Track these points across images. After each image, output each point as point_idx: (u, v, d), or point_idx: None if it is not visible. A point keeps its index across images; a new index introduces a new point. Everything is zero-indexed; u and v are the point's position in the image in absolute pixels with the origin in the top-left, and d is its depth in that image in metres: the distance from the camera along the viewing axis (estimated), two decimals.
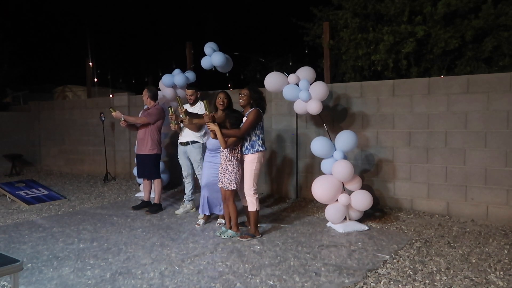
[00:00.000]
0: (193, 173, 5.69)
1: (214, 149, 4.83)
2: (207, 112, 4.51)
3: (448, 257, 3.87)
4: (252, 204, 4.50)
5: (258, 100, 4.56)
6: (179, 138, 5.59)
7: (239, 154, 4.54)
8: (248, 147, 4.51)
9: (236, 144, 4.49)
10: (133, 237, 4.60)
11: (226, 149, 4.49)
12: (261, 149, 4.51)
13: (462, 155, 5.15)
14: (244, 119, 4.51)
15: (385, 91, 5.64)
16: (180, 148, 5.60)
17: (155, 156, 5.75)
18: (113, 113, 5.68)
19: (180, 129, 5.53)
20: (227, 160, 4.51)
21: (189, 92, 5.45)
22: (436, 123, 5.29)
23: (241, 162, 4.57)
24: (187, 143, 5.49)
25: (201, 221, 5.06)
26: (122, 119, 5.69)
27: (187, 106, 5.44)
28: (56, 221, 5.38)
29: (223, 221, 4.98)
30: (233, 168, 4.49)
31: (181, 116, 5.07)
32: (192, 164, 5.59)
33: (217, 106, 4.86)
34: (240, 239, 4.44)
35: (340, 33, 7.27)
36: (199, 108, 5.43)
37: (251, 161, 4.49)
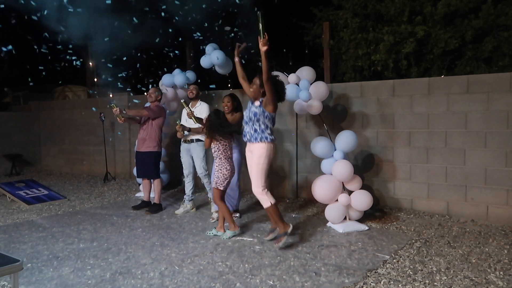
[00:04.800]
0: (194, 172, 5.69)
1: None
2: (188, 110, 5.00)
3: (448, 257, 3.87)
4: (264, 200, 4.13)
5: (277, 85, 4.12)
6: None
7: (229, 152, 4.51)
8: (253, 134, 4.13)
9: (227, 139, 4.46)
10: (133, 237, 4.60)
11: (217, 143, 4.48)
12: (269, 140, 4.11)
13: (462, 155, 5.15)
14: (257, 106, 4.20)
15: (385, 91, 5.64)
16: (183, 146, 5.61)
17: (156, 154, 5.75)
18: (114, 109, 5.57)
19: (183, 135, 5.48)
20: (215, 156, 4.55)
21: (192, 86, 5.63)
22: (436, 123, 5.29)
23: (228, 160, 4.51)
24: (191, 141, 5.52)
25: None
26: (124, 113, 5.58)
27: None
28: (56, 221, 5.38)
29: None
30: (217, 166, 4.52)
31: (191, 119, 5.09)
32: (193, 163, 5.61)
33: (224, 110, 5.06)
34: (276, 245, 4.05)
35: (340, 33, 7.28)
36: (199, 108, 5.51)
37: (259, 154, 4.09)
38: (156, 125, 5.73)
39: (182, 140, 5.62)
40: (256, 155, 4.14)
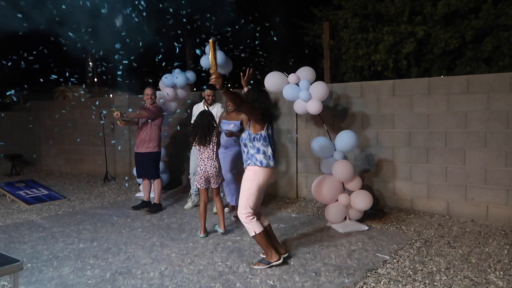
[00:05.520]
0: None
1: (225, 145, 5.29)
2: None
3: (448, 257, 3.87)
4: (248, 229, 3.69)
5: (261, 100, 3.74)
6: None
7: (206, 153, 4.56)
8: (248, 156, 3.75)
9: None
10: (133, 237, 4.60)
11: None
12: (259, 165, 3.64)
13: (462, 155, 5.15)
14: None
15: (385, 91, 5.64)
16: None
17: (155, 155, 5.75)
18: (115, 113, 5.57)
19: None
20: None
21: (210, 92, 5.69)
22: (436, 123, 5.29)
23: (204, 160, 4.56)
24: None
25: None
26: (124, 117, 5.60)
27: (203, 107, 5.66)
28: (56, 221, 5.38)
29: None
30: None
31: None
32: None
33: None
34: (252, 265, 3.70)
35: (340, 33, 7.28)
36: (215, 110, 5.61)
37: (246, 177, 3.72)
38: (155, 126, 5.73)
39: None
40: (245, 176, 3.73)
